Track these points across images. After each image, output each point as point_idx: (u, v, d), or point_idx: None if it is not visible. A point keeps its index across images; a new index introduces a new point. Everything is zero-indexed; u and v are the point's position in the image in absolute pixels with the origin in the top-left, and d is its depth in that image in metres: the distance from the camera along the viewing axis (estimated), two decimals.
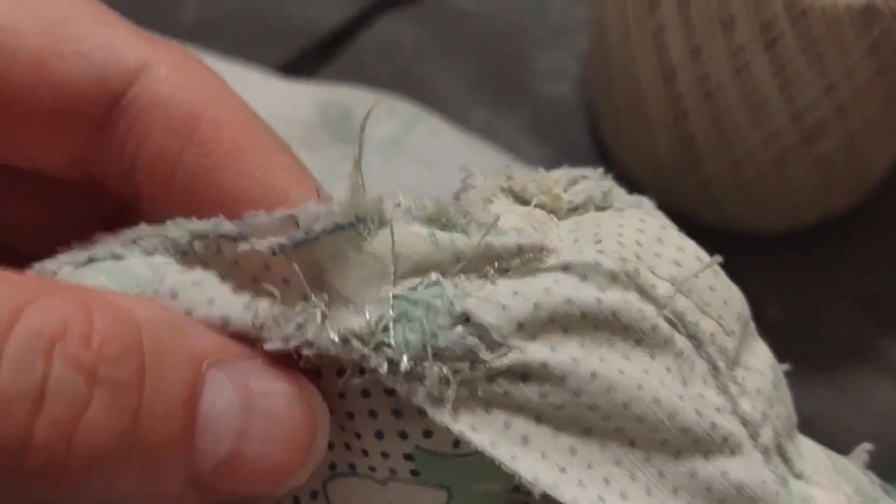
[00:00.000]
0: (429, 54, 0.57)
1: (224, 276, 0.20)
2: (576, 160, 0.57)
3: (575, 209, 0.24)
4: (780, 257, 0.51)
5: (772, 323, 0.49)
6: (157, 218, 0.23)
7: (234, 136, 0.22)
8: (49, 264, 0.21)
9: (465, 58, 0.57)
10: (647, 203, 0.24)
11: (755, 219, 0.51)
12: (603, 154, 0.55)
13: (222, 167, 0.22)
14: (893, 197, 0.53)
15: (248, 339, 0.20)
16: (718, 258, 0.22)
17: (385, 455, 0.21)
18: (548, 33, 0.59)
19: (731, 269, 0.24)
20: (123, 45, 0.23)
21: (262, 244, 0.19)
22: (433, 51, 0.58)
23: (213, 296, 0.20)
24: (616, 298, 0.21)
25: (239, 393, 0.19)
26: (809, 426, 0.28)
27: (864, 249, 0.52)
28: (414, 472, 0.21)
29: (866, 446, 0.25)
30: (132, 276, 0.20)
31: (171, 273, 0.20)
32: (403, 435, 0.20)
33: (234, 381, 0.19)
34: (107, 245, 0.21)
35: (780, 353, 0.26)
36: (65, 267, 0.21)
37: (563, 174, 0.24)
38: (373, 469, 0.21)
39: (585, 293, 0.21)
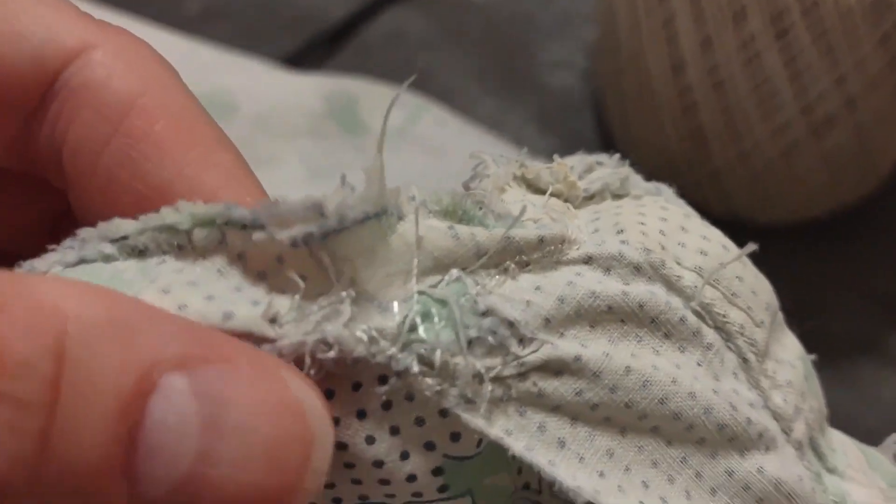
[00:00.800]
0: (435, 45, 0.57)
1: (223, 272, 0.18)
2: (582, 150, 0.57)
3: (591, 197, 0.23)
4: (788, 250, 0.51)
5: None
6: (81, 211, 0.21)
7: (167, 129, 0.21)
8: (38, 264, 0.19)
9: (471, 49, 0.57)
10: (666, 190, 0.24)
11: (763, 211, 0.51)
12: (610, 145, 0.54)
13: (148, 159, 0.21)
14: None
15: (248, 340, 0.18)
16: (752, 246, 0.22)
17: (412, 478, 0.19)
18: (554, 24, 0.59)
19: None
20: (64, 26, 0.21)
21: (285, 234, 0.17)
22: (440, 42, 0.57)
23: (212, 292, 0.18)
24: (642, 291, 0.20)
25: (201, 405, 0.16)
26: None
27: (873, 243, 0.51)
28: (442, 488, 0.20)
29: None
30: (121, 281, 0.18)
31: (164, 273, 0.18)
32: (430, 446, 0.19)
33: (199, 390, 0.16)
34: (95, 244, 0.19)
35: None
36: (55, 267, 0.19)
37: (577, 161, 0.24)
38: (390, 496, 0.20)
39: (610, 286, 0.20)
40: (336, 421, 0.19)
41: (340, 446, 0.19)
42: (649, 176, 0.52)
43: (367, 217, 0.18)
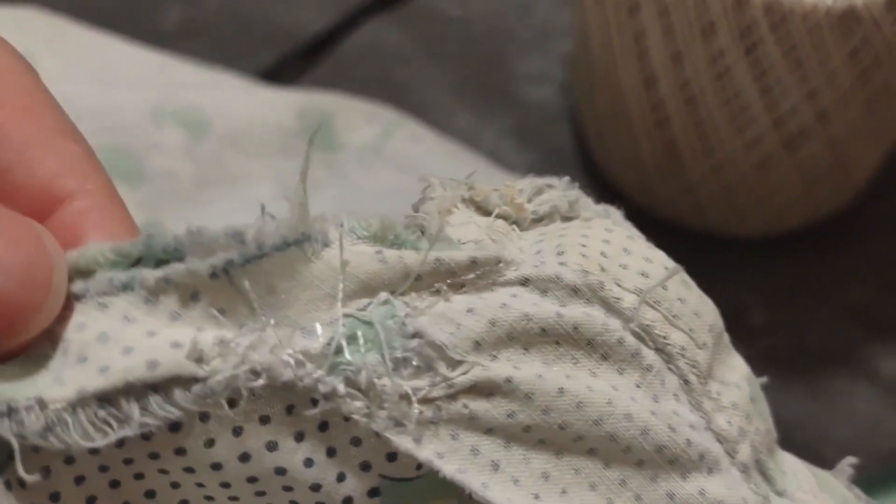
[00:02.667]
0: (412, 59, 0.57)
1: (130, 318, 0.18)
2: (560, 165, 0.57)
3: (540, 220, 0.23)
4: (763, 262, 0.51)
5: (754, 329, 0.49)
6: None
7: (12, 115, 0.21)
8: None
9: (448, 62, 0.57)
10: (614, 212, 0.24)
11: (738, 224, 0.51)
12: (587, 159, 0.55)
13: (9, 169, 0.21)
14: (876, 202, 0.53)
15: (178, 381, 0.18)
16: (681, 267, 0.22)
17: (348, 500, 0.20)
18: (532, 37, 0.59)
19: (713, 274, 0.23)
20: None
21: (203, 264, 0.18)
22: (417, 55, 0.57)
23: (128, 344, 0.18)
24: (578, 313, 0.20)
25: None
26: (791, 434, 0.27)
27: (848, 255, 0.51)
28: None
29: (850, 460, 0.25)
30: None
31: None
32: (366, 466, 0.19)
33: None
34: None
35: (763, 360, 0.26)
36: None
37: (527, 184, 0.24)
38: None
39: (545, 308, 0.20)
40: (275, 445, 0.19)
41: (279, 471, 0.19)
42: (625, 190, 0.52)
43: (288, 244, 0.18)
